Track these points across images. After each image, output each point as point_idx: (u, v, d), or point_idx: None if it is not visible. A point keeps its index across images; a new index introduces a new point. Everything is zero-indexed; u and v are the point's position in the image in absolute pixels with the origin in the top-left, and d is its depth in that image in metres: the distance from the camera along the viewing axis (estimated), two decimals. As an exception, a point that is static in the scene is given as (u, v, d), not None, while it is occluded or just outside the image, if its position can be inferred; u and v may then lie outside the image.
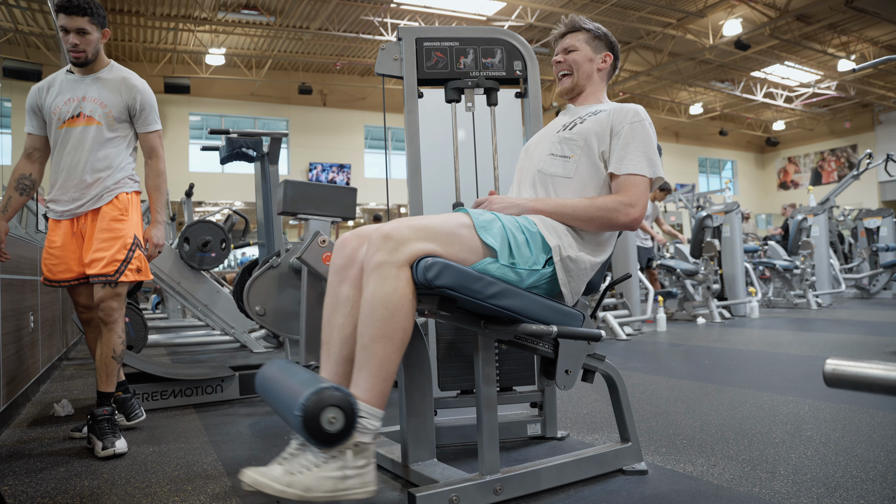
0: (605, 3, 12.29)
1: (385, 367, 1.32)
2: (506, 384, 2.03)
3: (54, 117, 2.16)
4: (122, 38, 13.57)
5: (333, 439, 1.22)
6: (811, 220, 7.71)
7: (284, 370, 1.40)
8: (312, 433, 1.19)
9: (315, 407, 1.18)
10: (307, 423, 1.18)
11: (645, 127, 1.63)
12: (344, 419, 1.21)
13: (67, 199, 2.16)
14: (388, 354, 1.32)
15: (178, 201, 8.77)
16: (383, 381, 1.32)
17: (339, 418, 1.21)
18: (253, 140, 4.30)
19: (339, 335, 1.45)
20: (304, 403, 1.18)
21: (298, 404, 1.18)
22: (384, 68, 2.02)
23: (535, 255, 1.50)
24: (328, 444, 1.23)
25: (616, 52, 1.85)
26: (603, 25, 1.84)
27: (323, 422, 1.19)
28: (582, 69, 1.80)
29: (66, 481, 1.79)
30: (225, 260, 4.71)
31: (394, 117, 13.98)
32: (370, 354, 1.32)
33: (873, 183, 19.84)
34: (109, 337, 2.17)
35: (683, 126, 21.51)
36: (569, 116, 1.78)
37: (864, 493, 1.48)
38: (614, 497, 1.54)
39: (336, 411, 1.20)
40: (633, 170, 1.59)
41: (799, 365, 3.37)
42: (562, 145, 1.69)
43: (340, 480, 1.25)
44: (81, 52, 2.13)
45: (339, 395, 1.22)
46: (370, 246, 1.35)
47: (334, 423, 1.20)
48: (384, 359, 1.32)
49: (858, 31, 14.26)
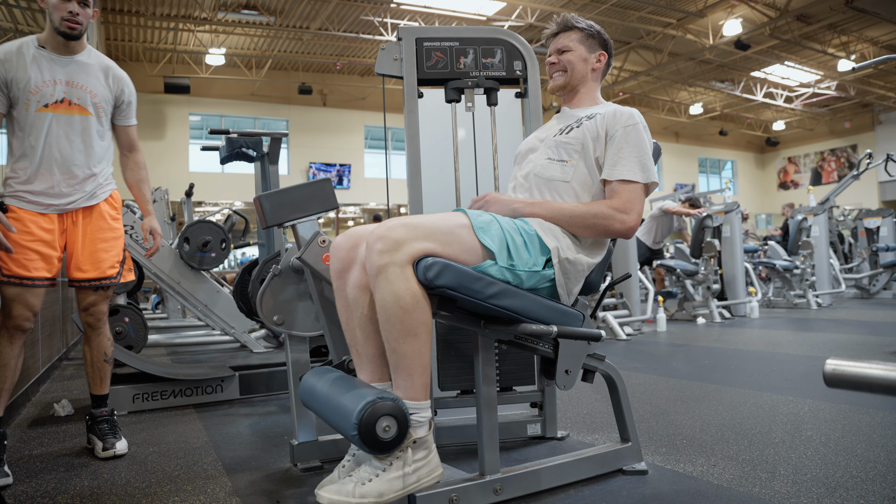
0: (604, 3, 12.28)
1: (419, 362, 1.36)
2: (506, 384, 2.03)
3: (32, 97, 1.94)
4: (122, 38, 13.58)
5: (391, 446, 1.29)
6: (811, 220, 7.71)
7: (332, 384, 1.44)
8: (371, 445, 1.27)
9: (369, 419, 1.25)
10: (364, 437, 1.25)
11: (639, 131, 1.62)
12: (397, 425, 1.28)
13: (55, 193, 1.98)
14: (418, 350, 1.35)
15: (178, 201, 8.76)
16: (421, 375, 1.36)
17: (392, 426, 1.27)
18: (253, 140, 4.30)
19: (361, 336, 1.47)
20: (358, 421, 1.25)
21: (352, 423, 1.25)
22: (384, 68, 2.02)
23: (534, 258, 1.50)
24: (387, 451, 1.30)
25: (610, 51, 1.83)
26: (603, 25, 1.85)
27: (379, 432, 1.26)
28: (576, 70, 1.79)
29: (66, 481, 1.79)
30: (225, 260, 4.71)
31: (394, 117, 13.96)
32: (401, 356, 1.35)
33: (873, 183, 19.84)
34: (100, 341, 2.14)
35: (683, 126, 21.51)
36: (564, 120, 1.78)
37: (864, 493, 1.48)
38: (614, 497, 1.54)
39: (389, 420, 1.27)
40: (626, 175, 1.58)
41: (799, 365, 3.37)
42: (558, 149, 1.69)
43: (408, 476, 1.33)
44: (78, 25, 1.94)
45: (389, 404, 1.28)
46: (368, 249, 1.35)
47: (389, 430, 1.27)
48: (415, 355, 1.35)
49: (858, 31, 14.26)
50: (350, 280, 1.48)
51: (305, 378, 1.56)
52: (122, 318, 4.11)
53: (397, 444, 1.29)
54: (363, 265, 1.45)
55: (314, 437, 1.88)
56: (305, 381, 1.55)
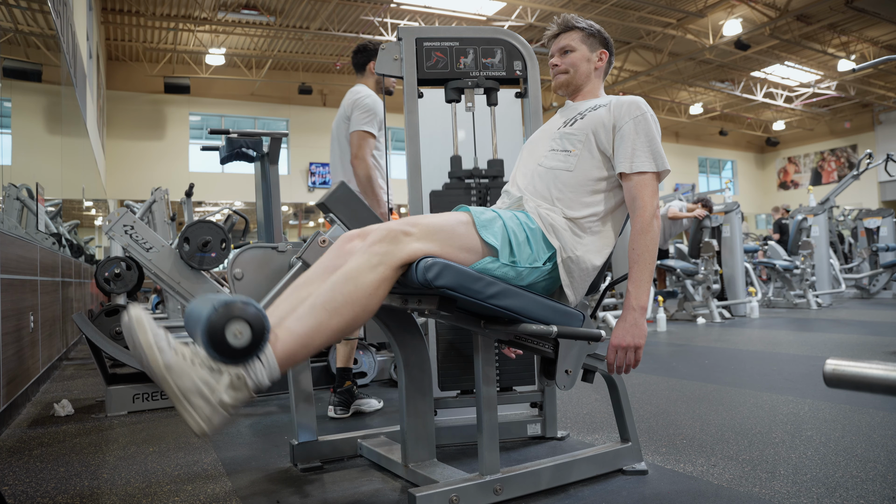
0: (605, 3, 12.28)
1: (314, 336, 1.24)
2: (506, 384, 2.03)
3: None
4: (122, 38, 13.58)
5: (241, 354, 1.13)
6: (811, 220, 7.71)
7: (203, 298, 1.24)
8: (219, 350, 1.11)
9: (219, 319, 1.10)
10: (212, 338, 1.10)
11: (647, 120, 1.62)
12: (251, 333, 1.12)
13: None
14: (327, 325, 1.24)
15: (178, 201, 8.76)
16: (303, 346, 1.24)
17: (244, 332, 1.11)
18: (253, 140, 4.29)
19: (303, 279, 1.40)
20: (207, 320, 1.10)
21: (202, 322, 1.10)
22: (384, 68, 2.02)
23: (536, 252, 1.49)
24: (237, 360, 1.14)
25: (611, 49, 1.84)
26: (603, 25, 1.85)
27: (228, 336, 1.10)
28: (580, 69, 1.80)
29: (66, 481, 1.79)
30: (225, 260, 4.71)
31: (394, 117, 13.96)
32: (311, 315, 1.24)
33: (873, 183, 19.84)
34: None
35: (683, 126, 21.50)
36: (568, 113, 1.78)
37: (864, 493, 1.48)
38: (614, 497, 1.54)
39: (242, 325, 1.11)
40: (642, 167, 1.58)
41: (799, 365, 3.37)
42: (562, 140, 1.68)
43: (198, 391, 1.12)
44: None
45: (250, 310, 1.12)
46: (368, 237, 1.34)
47: (240, 336, 1.11)
48: (319, 327, 1.24)
49: (858, 31, 14.26)
50: (338, 255, 1.44)
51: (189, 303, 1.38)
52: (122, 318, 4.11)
53: (249, 353, 1.13)
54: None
55: (314, 437, 1.88)
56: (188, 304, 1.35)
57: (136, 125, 14.82)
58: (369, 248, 1.32)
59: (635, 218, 1.58)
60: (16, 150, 3.97)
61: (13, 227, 3.18)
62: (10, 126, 4.39)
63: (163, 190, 6.32)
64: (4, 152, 4.30)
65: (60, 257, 4.04)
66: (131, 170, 14.41)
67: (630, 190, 1.60)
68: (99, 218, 9.96)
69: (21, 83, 4.26)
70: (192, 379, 1.12)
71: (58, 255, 3.94)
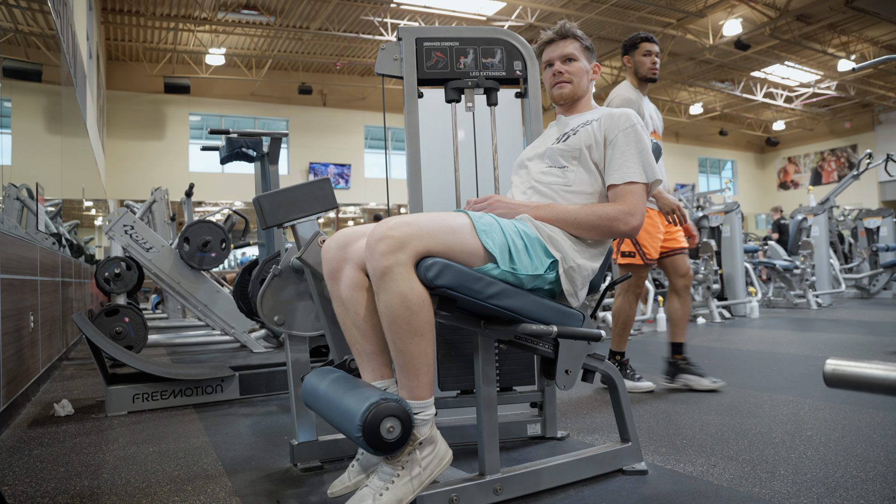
0: (605, 3, 12.28)
1: (425, 362, 1.36)
2: (506, 384, 2.03)
3: None
4: (122, 38, 13.58)
5: (395, 446, 1.29)
6: (811, 220, 7.71)
7: (334, 384, 1.44)
8: (375, 446, 1.27)
9: (373, 421, 1.25)
10: (369, 438, 1.25)
11: (637, 131, 1.65)
12: (401, 426, 1.29)
13: None
14: (424, 349, 1.35)
15: (178, 201, 8.76)
16: (426, 374, 1.37)
17: (396, 427, 1.28)
18: (253, 140, 4.30)
19: (359, 334, 1.48)
20: (362, 423, 1.25)
21: (356, 425, 1.25)
22: (384, 68, 2.02)
23: (536, 261, 1.50)
24: (392, 451, 1.30)
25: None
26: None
27: (383, 433, 1.26)
28: (582, 80, 1.84)
29: (66, 481, 1.79)
30: (225, 260, 4.71)
31: (394, 117, 13.97)
32: (408, 357, 1.35)
33: (873, 183, 19.84)
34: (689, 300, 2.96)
35: (683, 126, 21.50)
36: (560, 128, 1.81)
37: (864, 493, 1.48)
38: (614, 497, 1.54)
39: (393, 420, 1.27)
40: (630, 177, 1.61)
41: (799, 365, 3.37)
42: (557, 157, 1.71)
43: (422, 473, 1.36)
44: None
45: (393, 405, 1.28)
46: (370, 249, 1.33)
47: (393, 431, 1.28)
48: (421, 355, 1.35)
49: (858, 31, 14.26)
50: (343, 280, 1.48)
51: (307, 379, 1.56)
52: (122, 318, 4.11)
53: (401, 444, 1.30)
54: (356, 264, 1.46)
55: (314, 437, 1.88)
56: (307, 381, 1.54)
57: (136, 125, 14.82)
58: (383, 270, 1.32)
59: (613, 204, 1.61)
60: (16, 150, 3.96)
61: (13, 227, 3.18)
62: (10, 126, 4.39)
63: (163, 190, 6.33)
64: (4, 152, 4.30)
65: (60, 257, 4.04)
66: (131, 170, 14.41)
67: (617, 195, 1.63)
68: (99, 218, 9.97)
69: (21, 83, 4.26)
70: (410, 481, 1.35)
71: (58, 255, 3.94)
